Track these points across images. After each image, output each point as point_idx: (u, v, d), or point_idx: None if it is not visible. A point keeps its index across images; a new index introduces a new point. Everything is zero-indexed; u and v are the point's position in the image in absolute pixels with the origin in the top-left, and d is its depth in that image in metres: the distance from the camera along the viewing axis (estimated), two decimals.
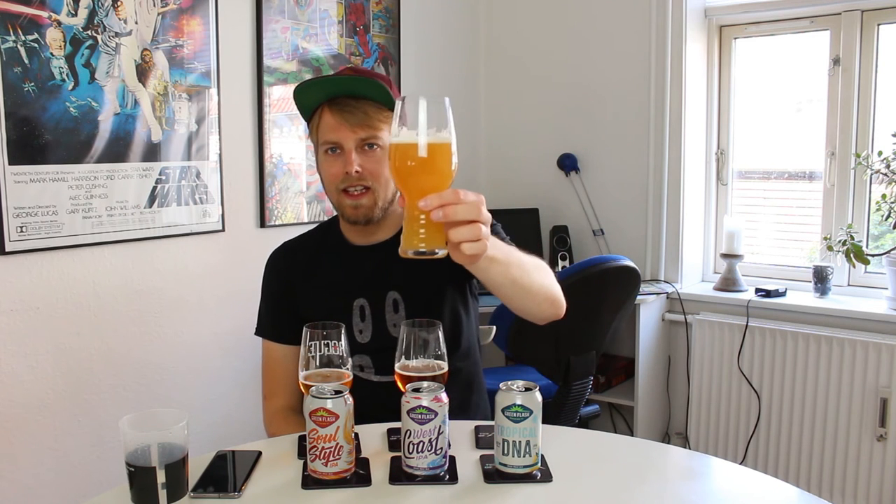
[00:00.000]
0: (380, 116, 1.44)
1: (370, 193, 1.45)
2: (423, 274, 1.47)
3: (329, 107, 1.45)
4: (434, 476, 1.16)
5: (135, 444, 1.02)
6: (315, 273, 1.57)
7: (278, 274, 1.60)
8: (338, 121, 1.43)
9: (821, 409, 2.65)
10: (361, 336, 1.52)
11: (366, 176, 1.44)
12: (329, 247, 1.57)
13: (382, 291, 1.51)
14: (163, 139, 2.24)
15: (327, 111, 1.45)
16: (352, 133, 1.43)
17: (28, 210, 1.95)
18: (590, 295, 2.39)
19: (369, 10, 2.87)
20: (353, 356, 1.50)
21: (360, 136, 1.43)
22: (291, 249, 1.63)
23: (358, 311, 1.51)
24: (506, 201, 3.40)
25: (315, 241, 1.61)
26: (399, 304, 1.50)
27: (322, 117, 1.46)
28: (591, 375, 2.47)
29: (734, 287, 2.93)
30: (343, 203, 1.47)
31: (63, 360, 2.08)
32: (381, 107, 1.44)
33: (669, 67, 2.96)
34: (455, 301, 1.52)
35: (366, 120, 1.42)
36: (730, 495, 1.22)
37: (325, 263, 1.57)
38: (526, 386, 1.17)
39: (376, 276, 1.52)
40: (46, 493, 2.06)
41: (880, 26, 2.72)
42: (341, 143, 1.44)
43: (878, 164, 2.60)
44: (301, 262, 1.58)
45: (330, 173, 1.47)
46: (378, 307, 1.51)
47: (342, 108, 1.43)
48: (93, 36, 2.04)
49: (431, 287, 1.50)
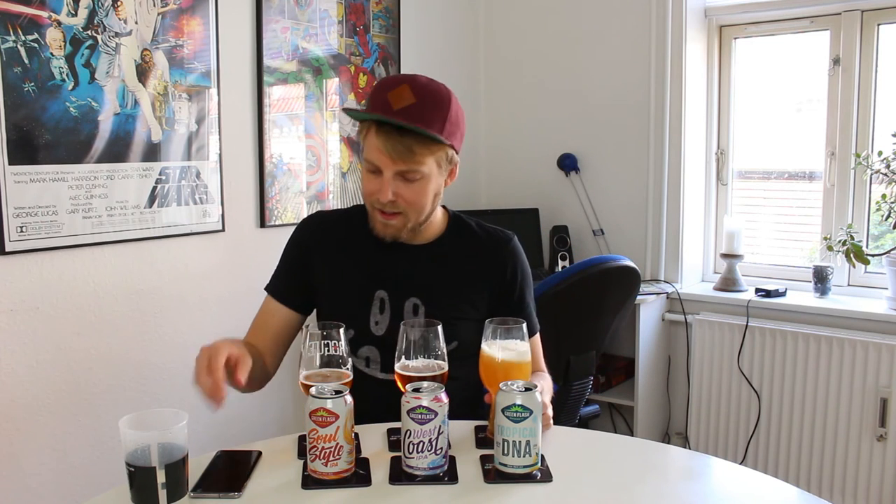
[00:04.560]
0: (424, 151, 1.41)
1: (401, 217, 1.46)
2: (448, 292, 1.53)
3: (377, 128, 1.41)
4: (434, 476, 1.16)
5: (135, 444, 1.02)
6: (343, 252, 1.56)
7: (303, 240, 1.59)
8: (380, 147, 1.40)
9: (821, 409, 2.65)
10: (377, 328, 1.51)
11: (399, 203, 1.44)
12: (364, 229, 1.56)
13: (405, 292, 1.52)
14: (163, 139, 2.24)
15: (374, 131, 1.41)
16: (392, 164, 1.41)
17: (28, 210, 1.95)
18: (590, 295, 2.39)
19: (369, 10, 2.87)
20: (362, 347, 1.51)
21: (399, 168, 1.41)
22: (325, 221, 1.62)
23: (378, 302, 1.52)
24: (506, 201, 3.40)
25: (352, 220, 1.60)
26: (419, 308, 1.51)
27: (369, 134, 1.43)
28: (591, 375, 2.48)
29: (734, 287, 2.93)
30: (375, 218, 1.49)
31: (63, 360, 2.08)
32: (427, 141, 1.40)
33: (669, 67, 2.96)
34: (471, 319, 1.53)
35: (409, 156, 1.39)
36: (730, 495, 1.22)
37: (356, 245, 1.56)
38: (526, 386, 1.17)
39: (403, 276, 1.53)
40: (47, 493, 2.06)
41: (880, 26, 2.72)
42: (381, 168, 1.42)
43: (878, 164, 2.60)
44: (332, 237, 1.58)
45: (367, 189, 1.47)
46: (398, 305, 1.51)
47: (387, 137, 1.39)
48: (93, 36, 2.04)
49: (453, 304, 1.53)
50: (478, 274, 1.55)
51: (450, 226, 1.59)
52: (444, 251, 1.56)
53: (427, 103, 1.40)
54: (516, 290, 1.57)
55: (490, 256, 1.57)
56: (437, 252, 1.56)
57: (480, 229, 1.60)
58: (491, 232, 1.60)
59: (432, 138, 1.40)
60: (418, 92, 1.40)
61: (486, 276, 1.56)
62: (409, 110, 1.38)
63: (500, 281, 1.56)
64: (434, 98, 1.42)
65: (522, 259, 1.60)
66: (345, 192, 2.85)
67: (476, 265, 1.56)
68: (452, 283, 1.54)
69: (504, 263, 1.57)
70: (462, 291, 1.54)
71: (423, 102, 1.40)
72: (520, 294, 1.58)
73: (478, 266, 1.56)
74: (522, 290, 1.59)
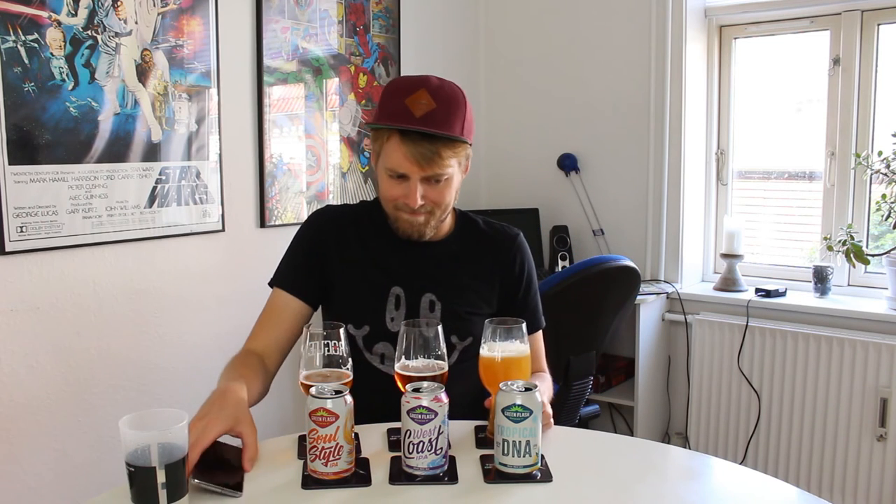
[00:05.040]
0: (450, 154, 1.41)
1: (428, 214, 1.47)
2: (462, 288, 1.54)
3: (401, 137, 1.39)
4: (434, 476, 1.16)
5: (135, 444, 1.02)
6: (359, 248, 1.55)
7: (317, 235, 1.57)
8: (407, 155, 1.39)
9: (821, 409, 2.65)
10: (393, 324, 1.51)
11: (427, 205, 1.45)
12: (376, 224, 1.56)
13: (421, 289, 1.52)
14: (163, 139, 2.24)
15: (398, 138, 1.39)
16: (420, 170, 1.40)
17: (28, 210, 1.95)
18: (590, 295, 2.39)
19: (369, 10, 2.87)
20: (377, 343, 1.51)
21: (428, 173, 1.41)
22: (337, 216, 1.60)
23: (394, 298, 1.52)
24: (506, 201, 3.40)
25: (361, 215, 1.59)
26: (436, 304, 1.52)
27: (390, 140, 1.41)
28: (591, 375, 2.48)
29: (734, 287, 2.93)
30: (400, 217, 1.48)
31: (63, 360, 2.08)
32: (451, 144, 1.40)
33: (669, 67, 2.96)
34: (484, 314, 1.53)
35: (437, 161, 1.39)
36: (730, 495, 1.22)
37: (370, 242, 1.56)
38: (526, 386, 1.17)
39: (418, 273, 1.53)
40: (47, 493, 2.06)
41: (880, 26, 2.72)
42: (408, 175, 1.42)
43: (878, 164, 2.60)
44: (346, 233, 1.57)
45: (391, 194, 1.46)
46: (414, 301, 1.52)
47: (414, 145, 1.38)
48: (93, 36, 2.04)
49: (467, 300, 1.55)
50: (488, 270, 1.57)
51: (458, 223, 1.61)
52: (455, 248, 1.57)
53: (447, 106, 1.40)
54: (524, 285, 1.60)
55: (498, 252, 1.59)
56: (449, 249, 1.57)
57: (487, 226, 1.62)
58: (498, 228, 1.62)
59: (457, 140, 1.41)
60: (437, 96, 1.40)
61: (496, 271, 1.58)
62: (432, 116, 1.37)
63: (508, 276, 1.58)
64: (452, 100, 1.42)
65: (529, 255, 1.63)
66: (345, 192, 2.85)
67: (485, 261, 1.58)
68: (466, 279, 1.55)
69: (512, 259, 1.59)
70: (475, 286, 1.56)
71: (443, 106, 1.39)
72: (527, 290, 1.60)
73: (487, 262, 1.58)
74: (529, 286, 1.61)
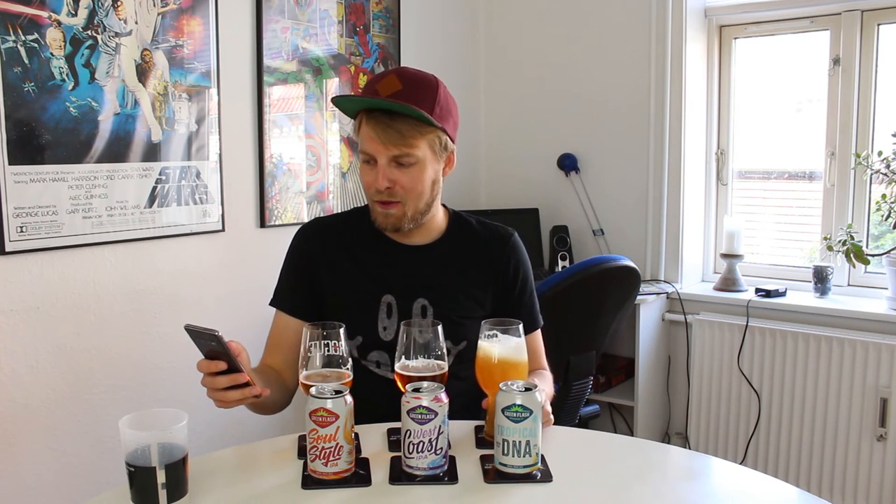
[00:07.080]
0: (414, 133, 1.41)
1: (400, 205, 1.47)
2: (455, 291, 1.53)
3: (367, 117, 1.43)
4: (434, 476, 1.16)
5: (135, 444, 1.02)
6: (347, 258, 1.55)
7: (306, 249, 1.58)
8: (370, 135, 1.42)
9: (821, 409, 2.65)
10: (385, 333, 1.51)
11: (397, 191, 1.45)
12: (365, 233, 1.56)
13: (413, 295, 1.51)
14: (163, 139, 2.24)
15: (365, 121, 1.43)
16: (384, 149, 1.41)
17: (28, 210, 1.95)
18: (590, 295, 2.39)
19: (369, 10, 2.87)
20: (371, 352, 1.51)
21: (392, 153, 1.42)
22: (325, 228, 1.60)
23: (385, 307, 1.51)
24: (506, 201, 3.40)
25: (351, 224, 1.59)
26: (428, 309, 1.51)
27: (361, 125, 1.45)
28: (591, 375, 2.48)
29: (734, 287, 2.93)
30: (375, 210, 1.50)
31: (63, 360, 2.08)
32: (417, 123, 1.41)
33: (669, 67, 2.96)
34: (478, 317, 1.51)
35: (399, 139, 1.40)
36: (730, 495, 1.22)
37: (359, 250, 1.56)
38: (526, 386, 1.17)
39: (409, 278, 1.52)
40: (46, 493, 2.06)
41: (880, 26, 2.72)
42: (375, 156, 1.43)
43: (878, 164, 2.60)
44: (333, 243, 1.57)
45: (365, 182, 1.48)
46: (405, 307, 1.51)
47: (377, 123, 1.41)
48: (93, 36, 2.04)
49: (460, 303, 1.53)
50: (481, 271, 1.56)
51: (451, 225, 1.59)
52: (447, 251, 1.56)
53: (414, 87, 1.43)
54: (518, 285, 1.58)
55: (492, 253, 1.57)
56: (441, 252, 1.56)
57: (481, 227, 1.61)
58: (492, 229, 1.61)
59: (420, 116, 1.40)
60: (405, 79, 1.43)
61: (490, 273, 1.56)
62: (396, 95, 1.40)
63: (503, 277, 1.57)
64: (421, 83, 1.45)
65: (524, 254, 1.62)
66: (345, 192, 2.85)
67: (479, 263, 1.56)
68: (458, 283, 1.54)
69: (507, 260, 1.58)
70: (468, 290, 1.55)
71: (410, 87, 1.42)
72: (522, 289, 1.59)
73: (481, 264, 1.56)
74: (525, 286, 1.59)
